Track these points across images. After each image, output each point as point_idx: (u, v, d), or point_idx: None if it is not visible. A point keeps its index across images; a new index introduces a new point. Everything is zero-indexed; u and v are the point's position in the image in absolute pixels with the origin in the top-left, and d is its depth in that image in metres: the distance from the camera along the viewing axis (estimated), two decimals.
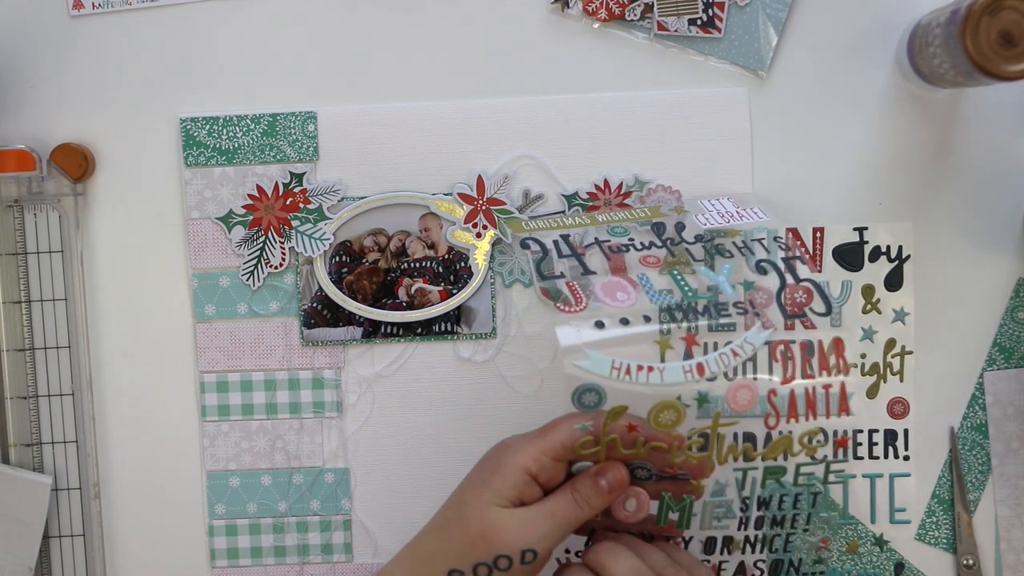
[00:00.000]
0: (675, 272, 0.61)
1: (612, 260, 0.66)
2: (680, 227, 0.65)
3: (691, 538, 0.66)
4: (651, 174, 0.69)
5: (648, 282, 0.61)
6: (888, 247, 0.68)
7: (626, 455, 0.58)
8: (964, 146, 0.68)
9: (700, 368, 0.60)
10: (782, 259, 0.64)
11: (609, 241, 0.66)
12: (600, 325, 0.59)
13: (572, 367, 0.58)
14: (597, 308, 0.59)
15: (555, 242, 0.64)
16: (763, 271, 0.63)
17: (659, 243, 0.63)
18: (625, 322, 0.60)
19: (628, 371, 0.59)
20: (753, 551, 0.66)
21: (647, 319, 0.59)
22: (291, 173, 0.69)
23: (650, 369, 0.59)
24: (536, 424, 0.70)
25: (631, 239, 0.64)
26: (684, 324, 0.60)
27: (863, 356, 0.69)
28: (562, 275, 0.62)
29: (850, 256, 0.69)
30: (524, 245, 0.64)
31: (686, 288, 0.61)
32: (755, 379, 0.60)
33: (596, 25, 0.68)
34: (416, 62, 0.69)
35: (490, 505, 0.57)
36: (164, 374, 0.70)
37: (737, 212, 0.66)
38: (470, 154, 0.69)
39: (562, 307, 0.60)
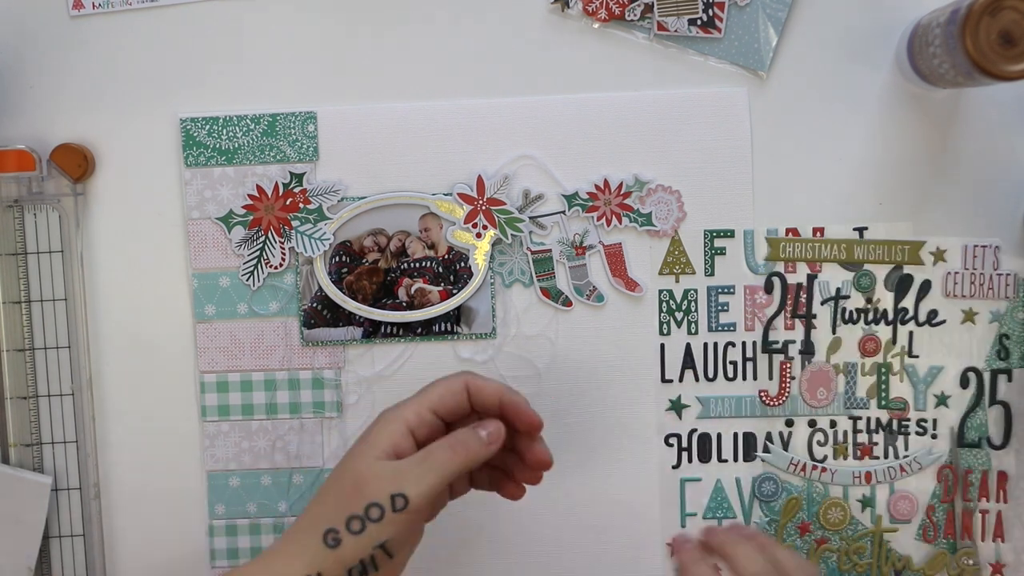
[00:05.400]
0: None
1: (611, 260, 0.66)
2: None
3: None
4: (651, 174, 0.69)
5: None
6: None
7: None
8: (964, 146, 0.68)
9: (868, 476, 0.69)
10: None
11: (611, 245, 0.67)
12: (789, 423, 0.70)
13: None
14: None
15: None
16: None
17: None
18: (813, 423, 0.70)
19: (803, 468, 0.69)
20: None
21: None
22: (291, 173, 0.69)
23: (823, 470, 0.69)
24: None
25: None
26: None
27: (863, 356, 0.69)
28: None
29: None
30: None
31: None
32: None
33: (596, 25, 0.68)
34: (416, 62, 0.69)
35: (366, 457, 0.56)
36: (164, 374, 0.70)
37: None
38: (470, 154, 0.69)
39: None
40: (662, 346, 0.69)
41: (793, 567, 0.57)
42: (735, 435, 0.70)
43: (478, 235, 0.69)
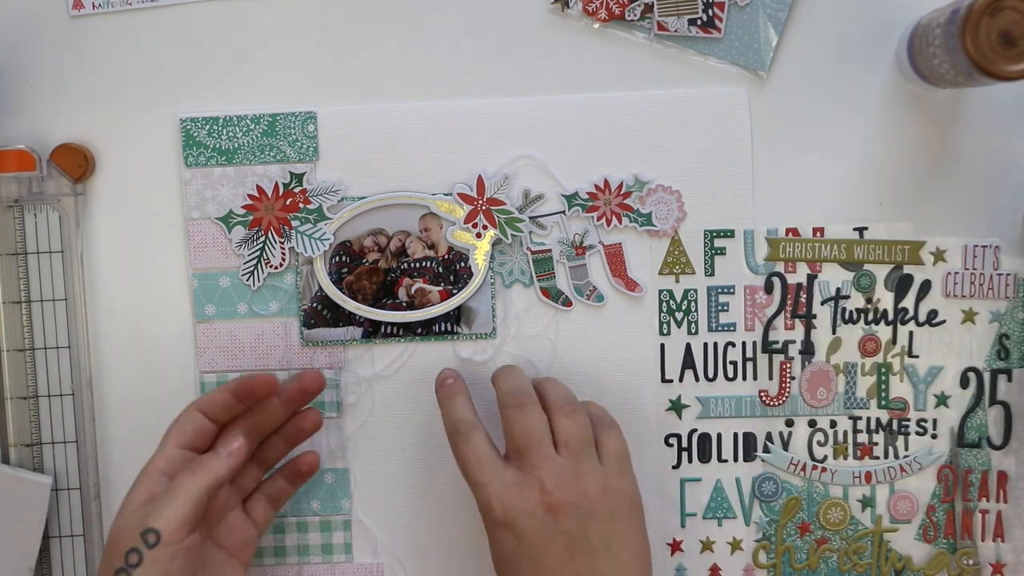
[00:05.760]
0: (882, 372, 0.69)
1: (611, 260, 0.66)
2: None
3: None
4: (651, 174, 0.69)
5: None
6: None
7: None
8: (964, 146, 0.68)
9: (868, 476, 0.69)
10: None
11: (611, 245, 0.67)
12: (790, 423, 0.70)
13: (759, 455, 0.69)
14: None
15: None
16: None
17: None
18: (813, 423, 0.70)
19: (803, 468, 0.69)
20: None
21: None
22: (291, 173, 0.69)
23: (823, 470, 0.69)
24: None
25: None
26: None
27: (863, 356, 0.69)
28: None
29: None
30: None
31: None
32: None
33: (596, 25, 0.68)
34: (416, 62, 0.69)
35: (120, 516, 0.58)
36: (164, 374, 0.70)
37: None
38: (470, 154, 0.69)
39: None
40: (662, 346, 0.69)
41: (613, 449, 0.61)
42: (735, 435, 0.70)
43: (478, 235, 0.69)
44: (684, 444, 0.70)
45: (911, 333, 0.69)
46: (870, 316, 0.69)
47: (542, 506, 0.57)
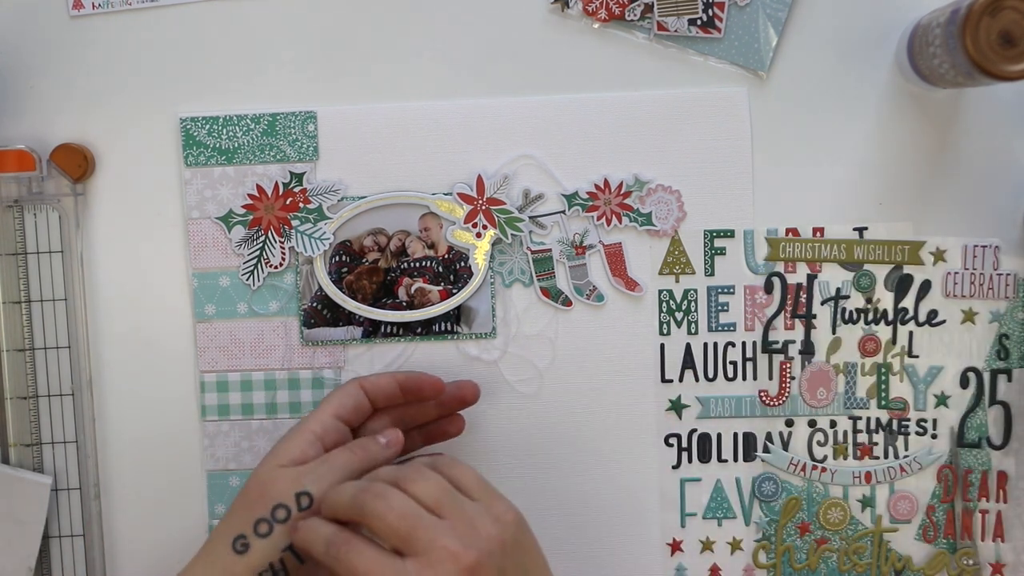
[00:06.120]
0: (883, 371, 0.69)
1: (611, 260, 0.66)
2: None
3: None
4: (651, 174, 0.69)
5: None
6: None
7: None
8: (964, 146, 0.68)
9: (868, 476, 0.69)
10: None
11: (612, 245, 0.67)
12: (790, 423, 0.70)
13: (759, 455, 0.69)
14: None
15: None
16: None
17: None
18: (813, 423, 0.70)
19: (803, 468, 0.69)
20: None
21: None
22: (291, 173, 0.69)
23: (823, 470, 0.69)
24: (535, 425, 0.70)
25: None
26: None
27: (863, 356, 0.69)
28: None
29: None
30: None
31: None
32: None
33: (596, 25, 0.68)
34: (416, 62, 0.69)
35: (272, 467, 0.59)
36: (164, 374, 0.70)
37: None
38: (470, 154, 0.69)
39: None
40: (662, 346, 0.69)
41: (474, 482, 0.57)
42: (735, 435, 0.70)
43: (478, 235, 0.69)
44: (684, 444, 0.70)
45: (911, 333, 0.69)
46: (870, 316, 0.69)
47: (463, 573, 0.53)
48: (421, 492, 0.55)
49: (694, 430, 0.70)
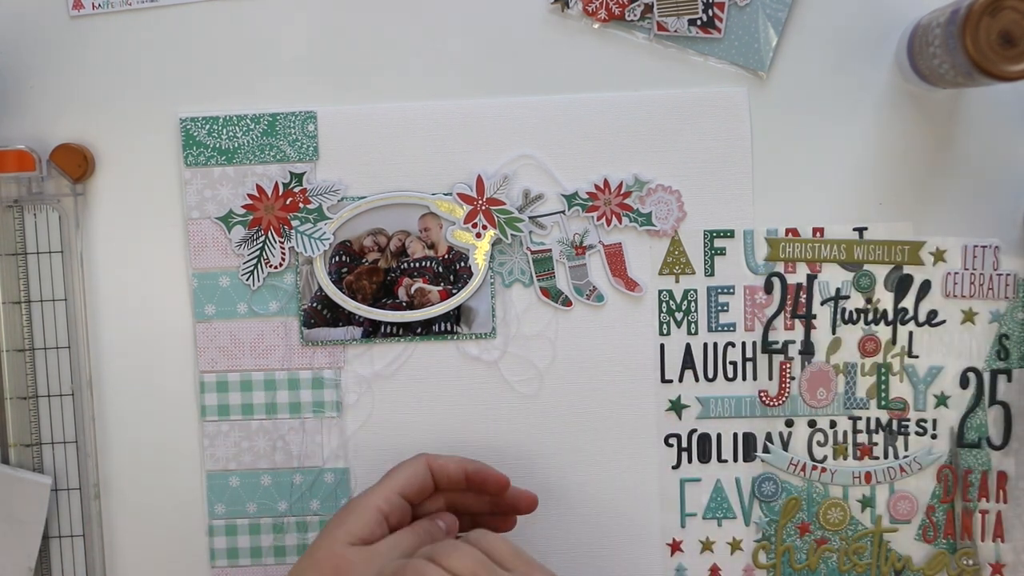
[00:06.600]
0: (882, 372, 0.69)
1: (610, 260, 0.66)
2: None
3: None
4: (651, 174, 0.69)
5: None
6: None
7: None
8: (964, 146, 0.68)
9: (867, 476, 0.69)
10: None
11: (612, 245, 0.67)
12: (789, 424, 0.70)
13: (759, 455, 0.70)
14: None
15: None
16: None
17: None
18: (813, 423, 0.70)
19: (803, 468, 0.69)
20: None
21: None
22: (291, 173, 0.69)
23: (823, 470, 0.69)
24: (535, 425, 0.70)
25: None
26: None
27: (863, 356, 0.69)
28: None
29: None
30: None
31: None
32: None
33: (596, 25, 0.68)
34: (416, 62, 0.69)
35: (342, 544, 0.58)
36: (164, 374, 0.70)
37: None
38: (470, 154, 0.69)
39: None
40: (662, 346, 0.69)
41: (508, 553, 0.57)
42: (735, 435, 0.70)
43: (478, 235, 0.69)
44: (684, 444, 0.70)
45: (911, 333, 0.69)
46: (870, 316, 0.69)
47: None
48: (457, 566, 0.55)
49: (694, 430, 0.70)
